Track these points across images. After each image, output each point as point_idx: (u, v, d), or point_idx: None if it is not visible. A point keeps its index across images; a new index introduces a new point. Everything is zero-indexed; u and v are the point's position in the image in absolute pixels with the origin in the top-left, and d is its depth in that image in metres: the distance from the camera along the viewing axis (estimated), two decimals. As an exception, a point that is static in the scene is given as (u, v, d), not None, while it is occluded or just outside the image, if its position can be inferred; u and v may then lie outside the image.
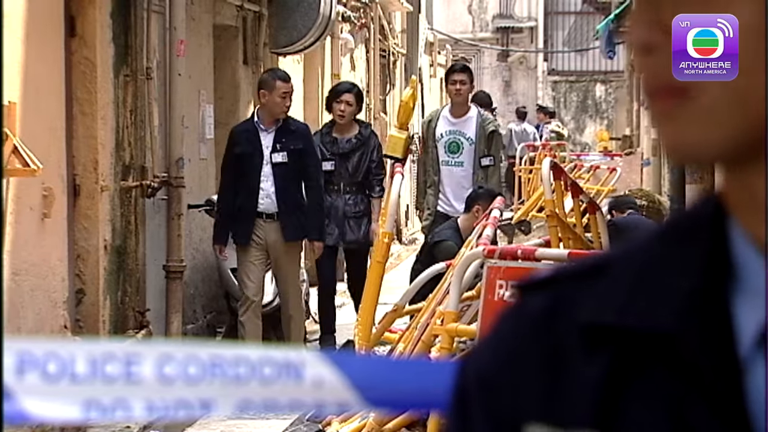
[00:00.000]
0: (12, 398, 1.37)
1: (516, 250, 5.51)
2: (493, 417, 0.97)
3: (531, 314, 0.98)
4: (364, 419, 5.86)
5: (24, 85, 6.85)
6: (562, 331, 0.95)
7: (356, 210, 9.41)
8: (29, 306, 6.96)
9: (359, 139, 9.44)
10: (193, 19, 9.67)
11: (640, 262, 0.95)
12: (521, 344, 0.97)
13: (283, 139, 8.60)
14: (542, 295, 0.98)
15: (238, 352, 1.44)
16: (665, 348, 0.91)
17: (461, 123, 9.90)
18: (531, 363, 0.96)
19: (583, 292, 0.96)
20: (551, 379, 0.94)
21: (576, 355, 0.94)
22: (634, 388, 0.92)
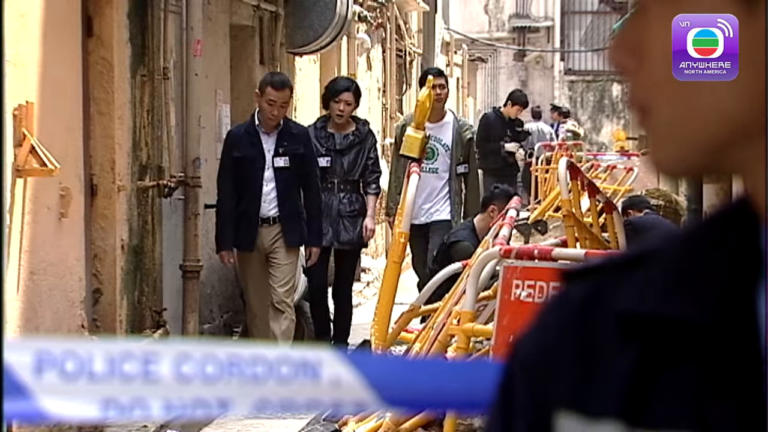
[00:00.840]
0: (30, 397, 1.38)
1: (532, 250, 5.50)
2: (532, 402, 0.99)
3: (572, 302, 1.00)
4: (381, 419, 5.86)
5: (41, 85, 6.87)
6: (599, 320, 0.98)
7: (351, 209, 9.12)
8: (47, 305, 6.98)
9: (357, 136, 9.19)
10: (210, 19, 9.68)
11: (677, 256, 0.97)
12: (561, 331, 0.99)
13: (285, 143, 8.41)
14: (585, 283, 1.01)
15: (255, 352, 1.45)
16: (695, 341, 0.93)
17: (437, 128, 9.68)
18: (567, 351, 0.98)
19: (623, 282, 0.98)
20: (584, 368, 0.97)
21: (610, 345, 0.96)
22: (663, 381, 0.93)
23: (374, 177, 9.23)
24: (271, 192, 8.37)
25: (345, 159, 9.09)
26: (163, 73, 8.62)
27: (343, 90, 9.18)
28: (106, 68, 7.98)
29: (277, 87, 8.35)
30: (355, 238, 9.11)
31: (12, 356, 1.38)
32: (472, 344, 5.83)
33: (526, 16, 32.44)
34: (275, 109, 8.30)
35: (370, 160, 9.17)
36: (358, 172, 9.13)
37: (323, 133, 9.14)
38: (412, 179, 7.17)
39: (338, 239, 9.01)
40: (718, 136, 0.95)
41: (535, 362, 1.00)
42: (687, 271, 0.95)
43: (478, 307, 6.01)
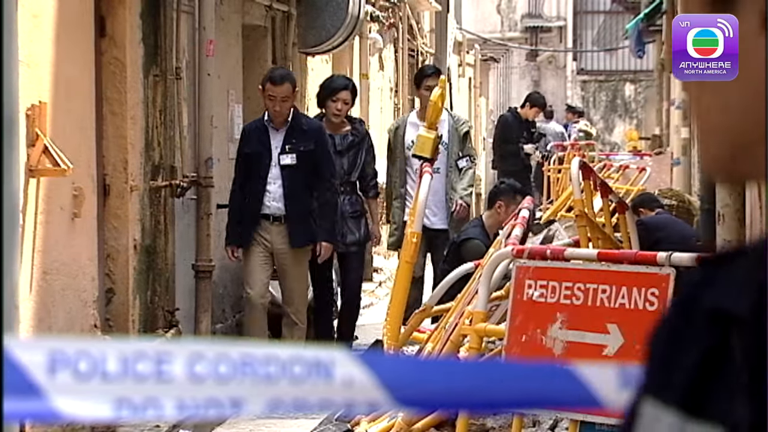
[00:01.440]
0: (43, 397, 1.38)
1: (545, 250, 5.49)
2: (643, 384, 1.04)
3: (680, 298, 1.05)
4: (393, 419, 5.86)
5: (54, 86, 6.88)
6: (693, 315, 1.01)
7: (354, 210, 8.96)
8: (60, 305, 6.99)
9: (356, 136, 8.99)
10: (222, 19, 9.69)
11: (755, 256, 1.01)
12: (665, 326, 1.04)
13: (293, 140, 8.21)
14: (699, 274, 1.04)
15: (268, 351, 1.45)
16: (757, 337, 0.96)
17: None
18: (664, 341, 1.02)
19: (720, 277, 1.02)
20: (670, 359, 1.01)
21: (692, 337, 1.00)
22: (722, 375, 0.97)
23: (374, 181, 9.11)
24: (278, 190, 8.21)
25: (345, 160, 8.89)
26: (176, 73, 8.63)
27: (342, 88, 8.94)
28: (119, 68, 7.99)
29: (275, 82, 8.18)
30: (361, 238, 8.99)
31: (25, 356, 1.38)
32: (484, 344, 5.83)
33: (538, 15, 32.41)
34: (276, 105, 8.14)
35: (368, 163, 9.01)
36: (356, 173, 8.97)
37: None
38: (424, 179, 7.16)
39: (344, 241, 8.84)
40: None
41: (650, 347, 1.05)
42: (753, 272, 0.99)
43: (491, 307, 6.01)
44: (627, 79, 32.08)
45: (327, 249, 8.39)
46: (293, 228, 8.18)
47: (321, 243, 8.31)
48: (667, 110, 21.94)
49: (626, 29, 22.35)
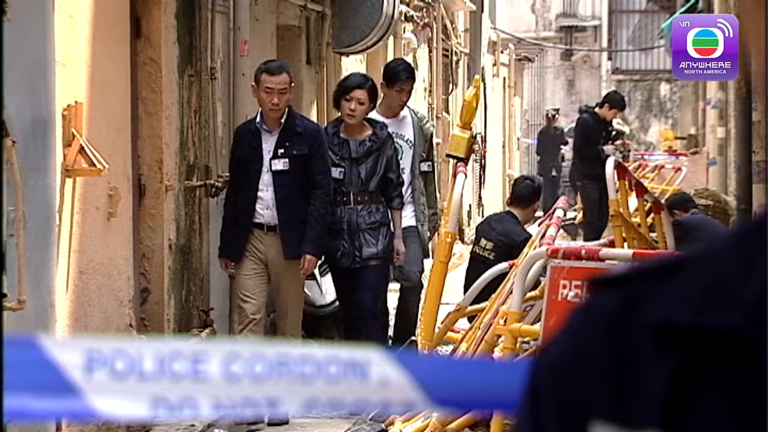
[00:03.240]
0: (80, 396, 1.38)
1: (580, 250, 5.48)
2: (562, 412, 0.98)
3: (603, 311, 0.98)
4: (427, 419, 5.86)
5: (90, 86, 6.92)
6: (633, 330, 0.96)
7: (371, 221, 8.05)
8: (96, 305, 7.02)
9: (374, 142, 8.07)
10: (257, 20, 9.71)
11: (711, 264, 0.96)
12: (591, 341, 0.98)
13: (286, 143, 7.53)
14: (616, 292, 0.98)
15: (304, 351, 1.45)
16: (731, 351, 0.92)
17: (397, 123, 8.72)
18: (600, 360, 0.96)
19: (656, 290, 0.97)
20: (619, 378, 0.95)
21: (646, 355, 0.95)
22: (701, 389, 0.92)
23: (398, 190, 8.22)
24: (272, 198, 7.57)
25: (362, 168, 8.06)
26: (211, 73, 8.66)
27: (355, 87, 8.09)
28: (154, 68, 8.02)
29: (272, 72, 7.55)
30: (380, 251, 8.04)
31: (63, 355, 1.38)
32: (518, 344, 5.82)
33: (573, 15, 32.31)
34: (274, 97, 7.46)
35: (393, 172, 8.12)
36: (376, 183, 8.09)
37: (336, 140, 8.07)
38: (458, 179, 7.15)
39: (361, 255, 8.00)
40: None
41: (565, 369, 0.98)
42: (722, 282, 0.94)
43: (525, 307, 5.99)
44: (662, 78, 31.94)
45: (310, 262, 7.65)
46: (287, 238, 7.55)
47: (305, 255, 7.57)
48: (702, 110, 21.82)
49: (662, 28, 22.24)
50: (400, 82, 8.61)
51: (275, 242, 7.58)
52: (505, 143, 23.86)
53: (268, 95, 7.47)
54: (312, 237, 7.57)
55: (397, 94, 8.63)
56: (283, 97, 7.50)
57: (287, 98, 7.57)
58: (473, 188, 18.68)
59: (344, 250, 7.97)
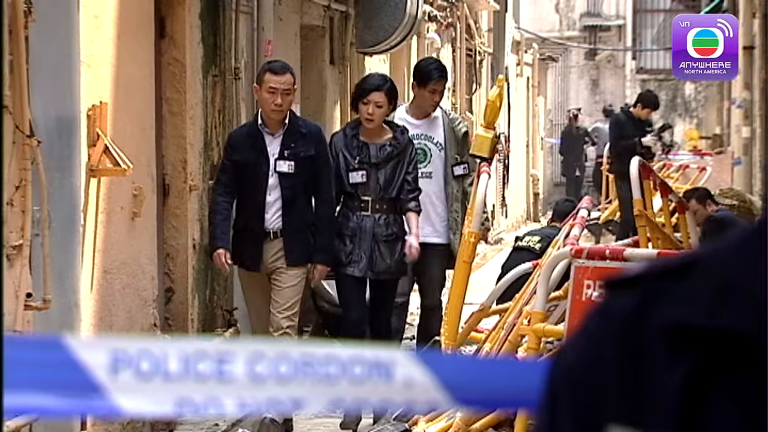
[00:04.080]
0: (105, 396, 1.39)
1: (604, 250, 5.46)
2: (577, 415, 0.98)
3: (617, 313, 0.99)
4: (451, 419, 5.86)
5: (115, 86, 6.94)
6: (647, 331, 0.96)
7: (389, 233, 7.63)
8: (120, 304, 7.05)
9: (395, 146, 7.65)
10: (281, 20, 9.73)
11: (724, 265, 0.96)
12: (606, 343, 0.98)
13: (291, 145, 7.23)
14: (630, 293, 0.98)
15: (328, 351, 1.45)
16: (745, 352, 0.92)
17: (426, 125, 8.32)
18: (614, 362, 0.96)
19: (670, 291, 0.97)
20: (634, 380, 0.95)
21: (659, 357, 0.95)
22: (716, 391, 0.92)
23: (415, 194, 7.75)
24: (276, 202, 7.25)
25: (381, 174, 7.64)
26: (235, 73, 8.67)
27: (373, 89, 7.67)
28: (179, 69, 8.04)
29: (276, 71, 7.27)
30: (393, 266, 7.66)
31: (88, 355, 1.39)
32: (542, 344, 5.81)
33: (597, 14, 32.24)
34: (277, 97, 7.17)
35: (409, 175, 7.69)
36: (395, 190, 7.65)
37: (355, 143, 7.67)
38: (482, 179, 7.14)
39: (373, 268, 7.61)
40: None
41: (580, 372, 0.98)
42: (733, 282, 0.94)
43: (549, 307, 5.98)
44: (687, 78, 31.79)
45: (321, 273, 7.40)
46: (290, 243, 7.25)
47: (317, 265, 7.33)
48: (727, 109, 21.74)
49: (686, 28, 22.13)
50: (433, 81, 8.20)
51: (275, 246, 7.27)
52: (528, 143, 23.83)
53: (271, 95, 7.18)
54: (323, 246, 7.33)
55: (429, 95, 8.23)
56: (286, 98, 7.23)
57: (290, 100, 7.32)
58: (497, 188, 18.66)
59: (355, 258, 7.58)
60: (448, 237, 8.23)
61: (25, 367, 1.41)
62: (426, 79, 8.23)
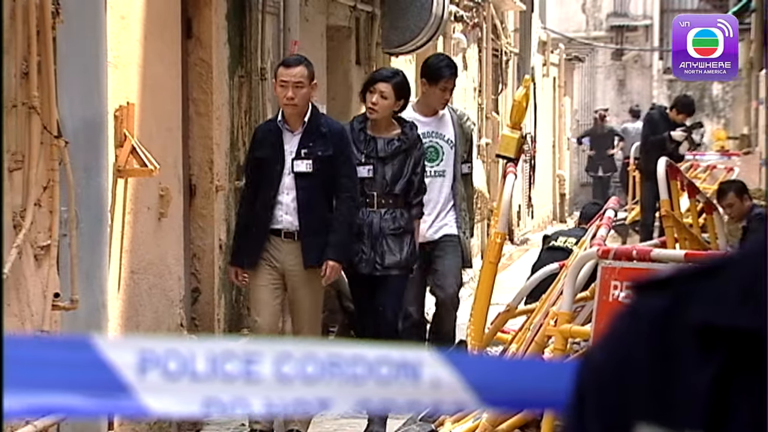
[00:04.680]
0: (133, 396, 1.39)
1: (631, 251, 5.45)
2: (604, 415, 0.99)
3: (647, 314, 1.00)
4: (478, 420, 5.85)
5: (142, 87, 6.96)
6: (676, 332, 0.97)
7: (396, 226, 7.41)
8: (147, 304, 7.07)
9: (403, 141, 7.44)
10: (307, 20, 9.74)
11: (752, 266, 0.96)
12: (635, 344, 0.99)
13: (309, 144, 6.95)
14: (659, 295, 0.99)
15: (356, 352, 1.45)
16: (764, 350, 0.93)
17: (436, 122, 8.11)
18: (643, 363, 0.97)
19: (698, 292, 0.98)
20: (663, 380, 0.96)
21: (688, 357, 0.96)
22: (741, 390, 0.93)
23: (420, 197, 7.55)
24: (293, 202, 6.95)
25: (388, 169, 7.43)
26: (261, 73, 8.69)
27: (380, 79, 7.49)
28: (205, 69, 8.06)
29: (288, 64, 7.02)
30: (403, 260, 7.41)
31: (116, 355, 1.39)
32: (569, 345, 5.80)
33: (624, 14, 32.15)
34: (288, 90, 6.87)
35: (416, 176, 7.48)
36: (401, 186, 7.45)
37: (362, 136, 7.46)
38: (508, 179, 7.13)
39: (382, 263, 7.38)
40: None
41: (608, 373, 0.99)
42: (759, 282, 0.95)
43: (576, 308, 5.97)
44: (714, 77, 31.68)
45: (333, 269, 7.02)
46: (307, 245, 6.94)
47: (327, 261, 6.97)
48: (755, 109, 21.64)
49: (713, 27, 22.04)
50: (444, 79, 7.99)
51: (293, 249, 6.95)
52: (555, 143, 23.78)
53: (283, 89, 6.90)
54: (335, 242, 6.99)
55: (440, 93, 8.01)
56: (298, 92, 6.89)
57: (304, 93, 6.95)
58: (523, 189, 18.63)
59: (364, 256, 7.36)
60: (456, 228, 8.06)
61: (53, 367, 1.42)
62: (437, 76, 8.01)
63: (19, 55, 5.37)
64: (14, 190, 5.39)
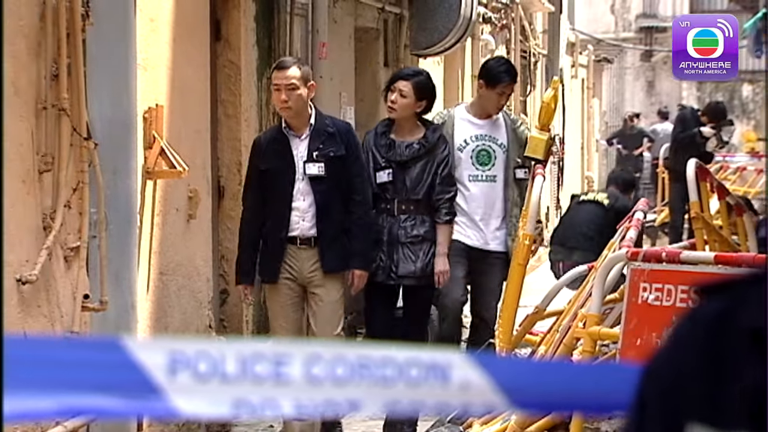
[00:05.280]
0: (163, 397, 1.39)
1: (660, 253, 5.42)
2: (666, 419, 1.00)
3: (704, 317, 1.01)
4: (506, 422, 5.84)
5: (171, 89, 6.98)
6: (730, 336, 0.98)
7: (414, 234, 7.12)
8: (176, 306, 7.09)
9: (423, 145, 7.16)
10: (335, 22, 9.75)
11: None
12: (693, 346, 1.00)
13: (320, 146, 6.65)
14: (717, 299, 1.00)
15: (385, 353, 1.45)
16: None
17: (489, 125, 7.85)
18: (698, 364, 0.99)
19: (754, 297, 0.99)
20: (716, 382, 0.97)
21: (740, 359, 0.97)
22: None
23: (446, 199, 7.22)
24: (310, 208, 6.66)
25: (408, 174, 7.15)
26: (289, 75, 8.70)
27: (401, 77, 7.27)
28: (234, 71, 8.08)
29: (281, 66, 6.70)
30: (419, 270, 7.11)
31: (146, 356, 1.39)
32: (598, 348, 5.78)
33: (653, 15, 32.04)
34: (282, 94, 6.58)
35: (438, 175, 7.18)
36: (423, 191, 7.16)
37: (383, 140, 7.20)
38: (536, 180, 7.11)
39: (396, 272, 7.09)
40: None
41: (668, 378, 1.01)
42: None
43: (605, 310, 5.95)
44: (745, 79, 31.56)
45: (361, 278, 6.79)
46: (327, 250, 6.67)
47: (354, 271, 6.75)
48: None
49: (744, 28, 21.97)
50: (503, 84, 7.77)
51: (311, 256, 6.68)
52: (583, 145, 23.72)
53: (276, 92, 6.64)
54: (360, 250, 6.75)
55: (496, 97, 7.78)
56: (292, 94, 6.59)
57: (298, 95, 6.62)
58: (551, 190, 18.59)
59: (381, 263, 7.07)
60: (507, 244, 7.79)
61: (84, 368, 1.42)
62: (495, 81, 7.79)
63: (49, 57, 5.40)
64: (44, 191, 5.42)
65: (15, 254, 5.19)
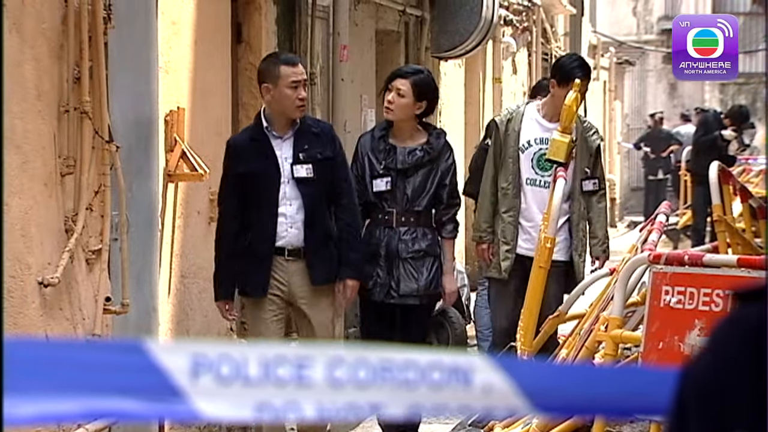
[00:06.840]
0: (186, 400, 1.39)
1: (683, 256, 5.41)
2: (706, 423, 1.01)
3: (744, 321, 1.00)
4: (528, 425, 5.83)
5: (192, 91, 7.00)
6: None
7: (415, 249, 6.51)
8: (197, 308, 7.09)
9: (427, 152, 6.53)
10: (356, 25, 9.75)
11: None
12: (734, 352, 1.01)
13: (305, 146, 6.08)
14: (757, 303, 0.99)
15: (407, 357, 1.44)
16: None
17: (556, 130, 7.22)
18: (741, 371, 0.99)
19: None
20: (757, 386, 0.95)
21: None
22: None
23: (451, 212, 6.65)
24: (296, 214, 6.06)
25: (409, 182, 6.53)
26: (310, 78, 8.70)
27: (398, 76, 6.62)
28: (255, 74, 8.08)
29: (292, 62, 6.15)
30: (422, 287, 6.52)
31: (169, 359, 1.39)
32: (620, 350, 5.76)
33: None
34: (301, 90, 6.06)
35: (444, 186, 6.57)
36: (425, 201, 6.54)
37: (382, 145, 6.58)
38: (558, 183, 7.09)
39: (398, 290, 6.49)
40: None
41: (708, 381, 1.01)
42: None
43: (627, 313, 5.93)
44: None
45: (353, 288, 6.19)
46: (314, 260, 6.08)
47: (345, 281, 6.14)
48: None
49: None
50: (576, 80, 7.12)
51: (299, 269, 6.09)
52: (605, 148, 23.67)
53: (294, 90, 6.03)
54: (352, 259, 6.15)
55: (570, 93, 7.09)
56: (305, 93, 6.14)
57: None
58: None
59: (379, 280, 6.49)
60: (570, 255, 7.23)
61: (106, 370, 1.42)
62: (567, 77, 7.15)
63: (71, 60, 5.42)
64: (66, 194, 5.43)
65: (37, 257, 5.20)
